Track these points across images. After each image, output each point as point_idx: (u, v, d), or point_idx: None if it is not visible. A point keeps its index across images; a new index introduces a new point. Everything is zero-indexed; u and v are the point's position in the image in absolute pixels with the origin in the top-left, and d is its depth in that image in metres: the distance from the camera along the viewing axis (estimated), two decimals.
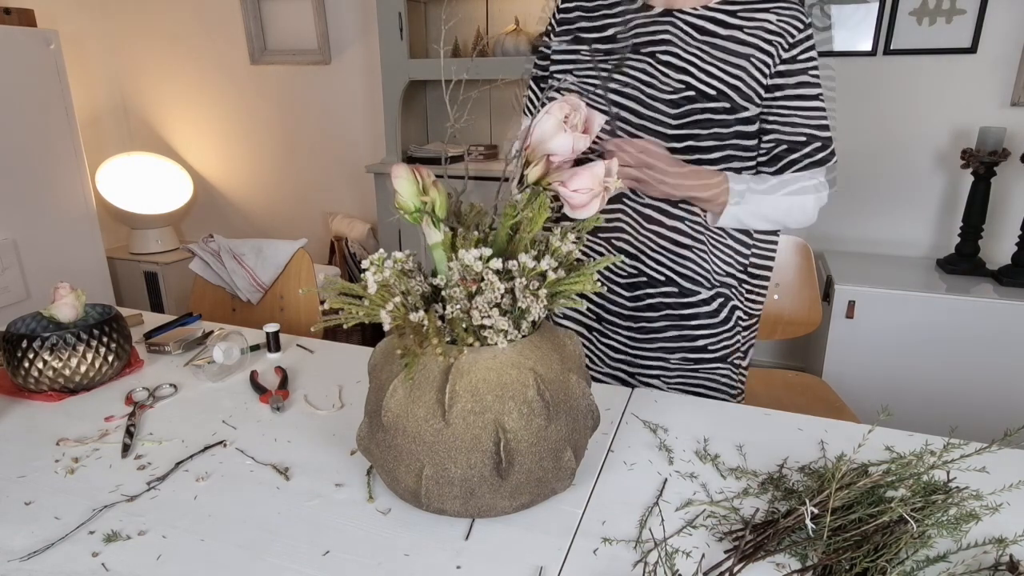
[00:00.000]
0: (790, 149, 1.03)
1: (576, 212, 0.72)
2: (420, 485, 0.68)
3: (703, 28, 1.00)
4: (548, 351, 0.71)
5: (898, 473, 0.69)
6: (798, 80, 1.00)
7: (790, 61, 0.99)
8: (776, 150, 1.03)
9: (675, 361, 1.10)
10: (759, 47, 0.98)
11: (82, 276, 2.62)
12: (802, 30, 0.99)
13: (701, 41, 0.99)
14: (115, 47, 3.19)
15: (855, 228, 2.39)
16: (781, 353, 2.63)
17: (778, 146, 1.03)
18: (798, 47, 0.99)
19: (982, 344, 1.93)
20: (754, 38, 0.98)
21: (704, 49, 0.99)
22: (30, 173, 2.39)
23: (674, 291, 1.06)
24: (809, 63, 1.00)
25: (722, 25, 0.99)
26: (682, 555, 0.67)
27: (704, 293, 1.07)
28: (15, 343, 0.98)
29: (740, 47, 0.99)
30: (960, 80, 2.13)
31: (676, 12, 1.01)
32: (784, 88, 1.00)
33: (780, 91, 1.00)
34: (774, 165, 1.04)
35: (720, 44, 0.99)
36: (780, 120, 1.02)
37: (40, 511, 0.74)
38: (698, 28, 1.00)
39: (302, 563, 0.66)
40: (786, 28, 0.98)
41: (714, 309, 1.08)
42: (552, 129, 0.69)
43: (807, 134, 1.02)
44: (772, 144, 1.03)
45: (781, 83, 1.00)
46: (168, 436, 0.90)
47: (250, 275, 1.82)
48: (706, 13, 1.00)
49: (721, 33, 0.99)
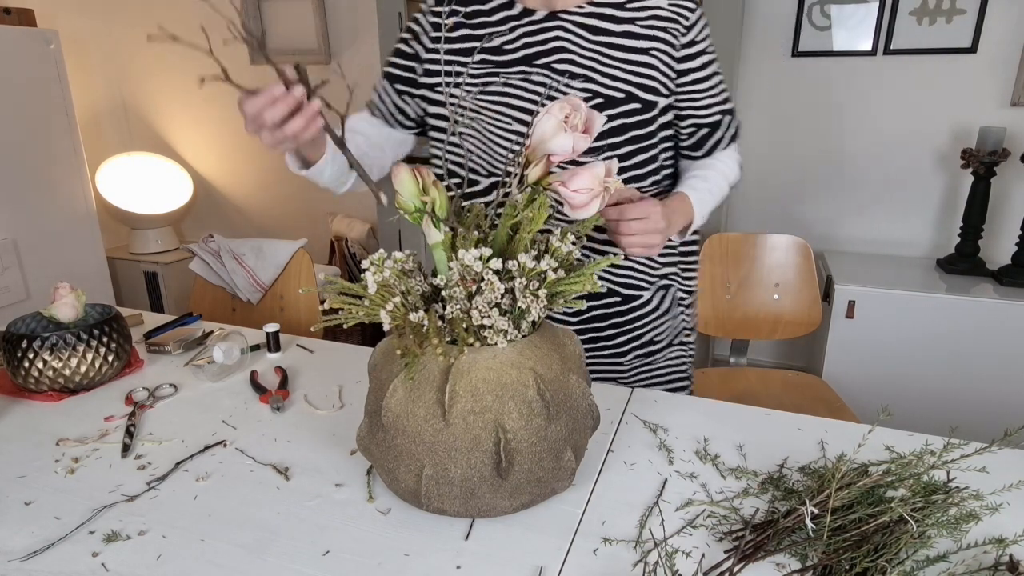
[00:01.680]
0: (711, 132, 1.03)
1: (576, 212, 0.72)
2: (420, 485, 0.68)
3: (595, 27, 0.94)
4: (548, 351, 0.71)
5: (898, 473, 0.69)
6: (702, 61, 0.98)
7: (689, 44, 0.96)
8: (698, 135, 1.03)
9: (629, 361, 1.11)
10: (658, 37, 0.94)
11: (82, 276, 2.62)
12: (694, 9, 0.96)
13: (596, 42, 0.94)
14: (115, 47, 3.19)
15: (855, 228, 2.39)
16: (781, 353, 2.64)
17: (699, 130, 1.03)
18: (694, 28, 0.96)
19: (982, 344, 1.93)
20: (651, 29, 0.94)
21: (601, 51, 0.94)
22: (30, 173, 2.40)
23: (617, 300, 1.06)
24: (706, 41, 0.98)
25: (613, 21, 0.94)
26: (682, 555, 0.67)
27: (646, 294, 1.08)
28: (15, 343, 0.98)
29: (639, 42, 0.94)
30: (960, 80, 2.13)
31: (561, 14, 0.95)
32: (691, 72, 0.98)
33: (687, 76, 0.98)
34: (699, 150, 1.05)
35: (617, 43, 0.94)
36: (694, 104, 1.00)
37: (40, 511, 0.74)
38: (590, 28, 0.94)
39: (302, 563, 0.66)
40: (678, 12, 0.95)
41: (657, 304, 1.09)
42: (552, 129, 0.69)
43: (721, 111, 1.03)
44: (692, 129, 1.03)
45: (687, 68, 0.97)
46: (168, 436, 0.90)
47: (250, 275, 1.82)
48: (594, 10, 0.94)
49: (615, 30, 0.94)
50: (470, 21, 0.99)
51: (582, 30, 0.94)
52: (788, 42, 2.28)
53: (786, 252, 1.92)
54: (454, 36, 1.00)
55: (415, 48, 1.03)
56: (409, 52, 1.04)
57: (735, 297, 1.95)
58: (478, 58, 0.98)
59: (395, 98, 1.07)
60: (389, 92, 1.07)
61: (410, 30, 1.04)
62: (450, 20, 0.98)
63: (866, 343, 2.04)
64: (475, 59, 0.98)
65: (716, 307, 1.94)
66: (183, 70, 3.11)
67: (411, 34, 1.04)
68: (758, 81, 2.35)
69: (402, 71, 1.05)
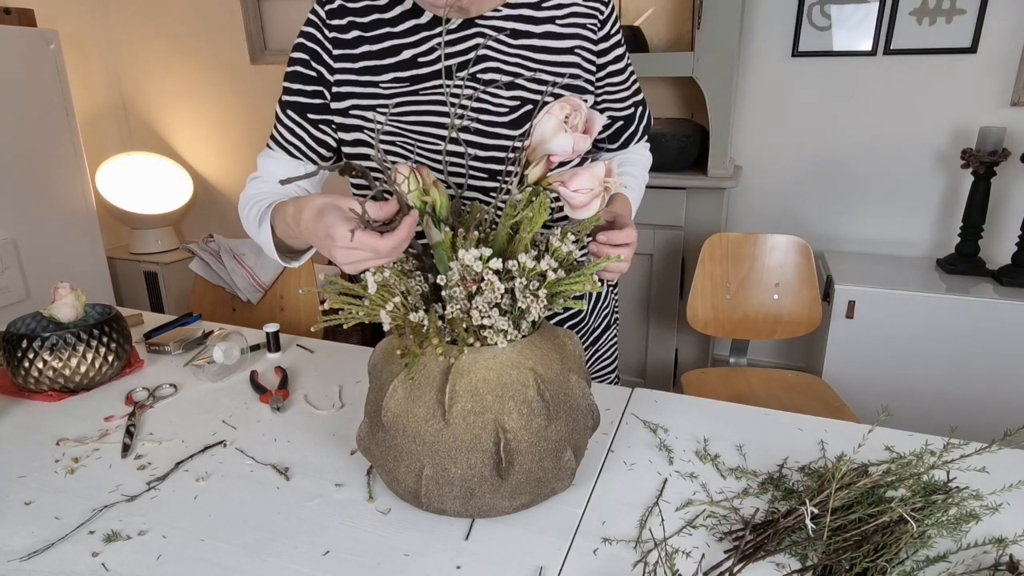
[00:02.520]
0: (626, 125, 1.04)
1: (576, 212, 0.72)
2: (420, 485, 0.68)
3: (515, 31, 0.89)
4: (548, 351, 0.71)
5: (898, 473, 0.69)
6: (617, 54, 0.97)
7: (605, 39, 0.95)
8: (614, 127, 1.04)
9: None
10: (578, 35, 0.92)
11: (82, 276, 2.62)
12: (607, 2, 0.94)
13: (519, 47, 0.89)
14: (115, 47, 3.19)
15: (855, 228, 2.39)
16: (781, 353, 2.64)
17: (614, 123, 1.03)
18: (608, 21, 0.95)
19: (982, 344, 1.93)
20: (571, 27, 0.91)
21: (525, 55, 0.89)
22: (30, 173, 2.40)
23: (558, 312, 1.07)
24: (619, 34, 0.97)
25: (533, 22, 0.90)
26: (682, 555, 0.67)
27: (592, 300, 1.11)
28: (15, 343, 0.98)
29: (561, 42, 0.91)
30: (960, 80, 2.13)
31: (478, 20, 0.88)
32: (607, 67, 0.97)
33: (604, 70, 0.97)
34: (615, 142, 1.05)
35: (539, 45, 0.90)
36: (610, 98, 1.00)
37: (40, 511, 0.74)
38: (509, 32, 0.89)
39: (302, 563, 0.66)
40: (594, 6, 0.93)
41: (597, 301, 1.12)
42: (553, 129, 0.69)
43: (634, 103, 1.03)
44: (609, 123, 1.03)
45: (603, 62, 0.96)
46: (168, 436, 0.90)
47: (250, 275, 1.82)
48: (511, 13, 0.89)
49: (536, 31, 0.90)
50: (369, 33, 0.88)
51: (502, 35, 0.89)
52: (788, 42, 2.28)
53: (786, 252, 1.92)
54: (353, 53, 0.89)
55: (318, 70, 0.90)
56: (312, 76, 0.91)
57: (735, 297, 1.95)
58: (389, 76, 0.88)
59: (311, 130, 0.93)
60: (303, 125, 0.93)
61: (304, 49, 0.90)
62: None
63: (866, 343, 2.04)
64: (385, 78, 0.88)
65: (716, 307, 1.94)
66: (183, 70, 3.11)
67: (307, 54, 0.90)
68: (758, 81, 2.35)
69: (310, 98, 0.92)
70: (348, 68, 0.89)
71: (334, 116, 0.92)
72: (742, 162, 2.45)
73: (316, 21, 0.90)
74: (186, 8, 3.00)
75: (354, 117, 0.91)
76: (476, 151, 0.91)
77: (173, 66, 3.12)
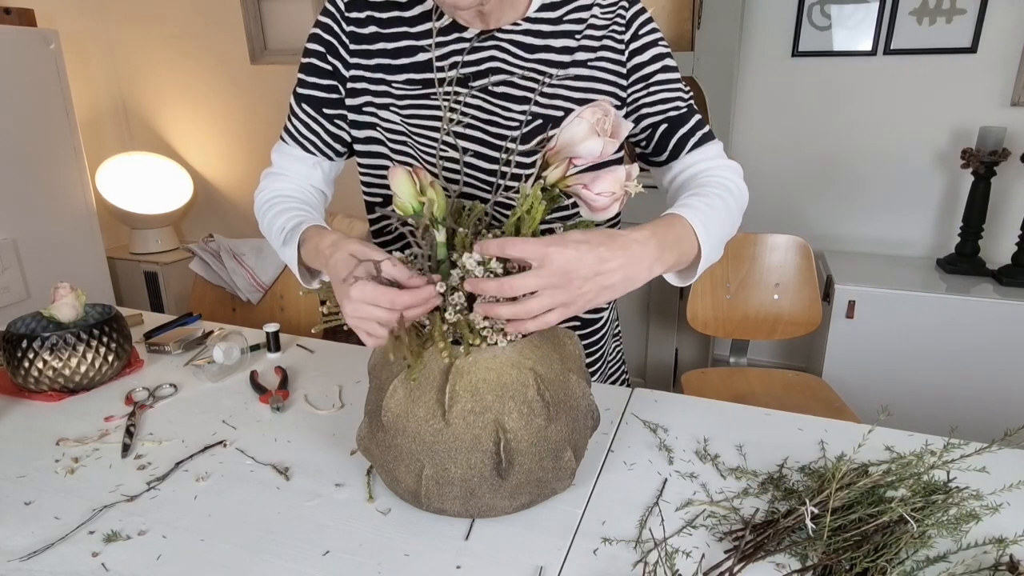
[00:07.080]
0: (671, 128, 0.90)
1: (597, 215, 0.72)
2: (420, 485, 0.68)
3: (531, 46, 0.86)
4: (548, 351, 0.71)
5: (898, 473, 0.69)
6: (652, 54, 0.89)
7: (634, 39, 0.89)
8: (656, 135, 0.91)
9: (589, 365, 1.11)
10: (598, 47, 0.88)
11: (82, 276, 2.62)
12: (628, 8, 0.89)
13: (534, 60, 0.87)
14: (115, 47, 3.19)
15: (855, 228, 2.39)
16: (781, 353, 2.64)
17: (655, 129, 0.91)
18: (634, 23, 0.89)
19: (982, 344, 1.93)
20: (590, 39, 0.88)
21: (540, 70, 0.86)
22: (30, 173, 2.40)
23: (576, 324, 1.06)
24: (654, 34, 0.90)
25: (552, 37, 0.87)
26: (682, 555, 0.67)
27: (605, 313, 1.08)
28: (15, 343, 0.98)
29: (579, 55, 0.87)
30: (960, 80, 2.13)
31: (497, 33, 0.86)
32: (642, 68, 0.89)
33: (638, 72, 0.89)
34: (662, 152, 0.92)
35: (556, 60, 0.87)
36: (649, 102, 0.90)
37: (40, 511, 0.74)
38: (526, 47, 0.86)
39: (302, 563, 0.66)
40: (613, 14, 0.88)
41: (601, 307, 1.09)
42: (584, 133, 0.69)
43: (681, 106, 0.91)
44: (649, 131, 0.91)
45: (637, 63, 0.89)
46: (168, 436, 0.90)
47: (250, 275, 1.82)
48: (529, 28, 0.87)
49: (555, 46, 0.87)
50: (387, 30, 0.87)
51: (518, 48, 0.86)
52: (788, 42, 2.28)
53: (786, 252, 1.92)
54: (371, 49, 0.88)
55: (333, 64, 0.90)
56: (327, 69, 0.90)
57: (735, 297, 1.95)
58: (402, 77, 0.87)
59: (327, 125, 0.93)
60: (319, 120, 0.92)
61: (320, 41, 0.90)
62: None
63: (866, 343, 2.04)
64: (399, 78, 0.87)
65: (716, 307, 1.94)
66: (183, 70, 3.11)
67: (323, 47, 0.90)
68: (758, 81, 2.35)
69: (326, 92, 0.91)
70: (363, 64, 0.89)
71: (348, 112, 0.92)
72: (742, 162, 2.45)
73: (334, 12, 0.89)
74: (186, 8, 2.99)
75: (367, 114, 0.91)
76: (482, 163, 0.90)
77: (173, 66, 3.12)
